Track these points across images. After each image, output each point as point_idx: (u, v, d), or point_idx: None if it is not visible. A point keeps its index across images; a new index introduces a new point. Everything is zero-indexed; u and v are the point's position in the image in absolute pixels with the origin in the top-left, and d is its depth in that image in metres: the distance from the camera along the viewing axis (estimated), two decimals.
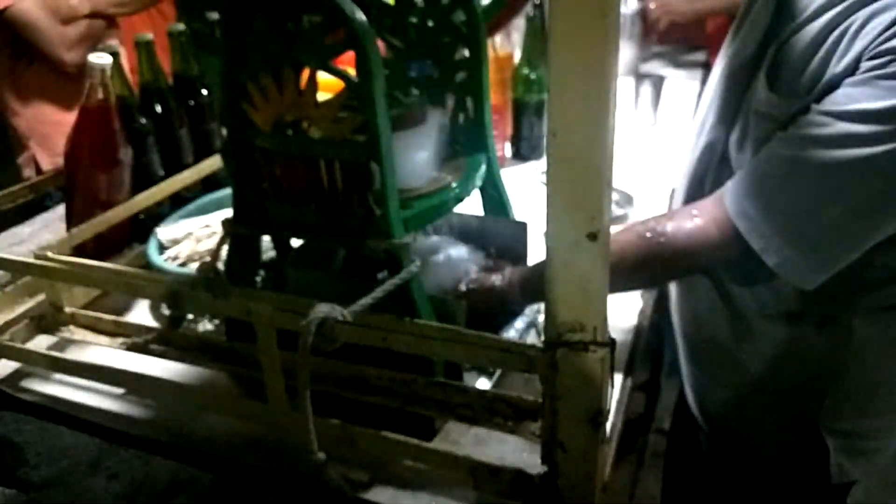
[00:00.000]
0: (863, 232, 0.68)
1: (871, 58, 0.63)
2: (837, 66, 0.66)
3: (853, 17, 0.65)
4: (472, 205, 0.77)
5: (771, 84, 0.72)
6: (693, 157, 0.85)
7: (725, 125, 0.80)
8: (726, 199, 0.71)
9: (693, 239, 0.72)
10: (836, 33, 0.66)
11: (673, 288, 0.97)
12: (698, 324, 0.94)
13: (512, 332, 0.79)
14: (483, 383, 0.74)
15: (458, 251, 0.78)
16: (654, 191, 1.20)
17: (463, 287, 0.75)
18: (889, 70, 0.62)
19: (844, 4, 0.66)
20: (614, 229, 0.53)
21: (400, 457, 0.65)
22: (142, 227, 1.00)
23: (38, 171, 1.61)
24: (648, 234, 0.73)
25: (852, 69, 0.65)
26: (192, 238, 0.94)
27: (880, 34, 0.63)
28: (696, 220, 0.72)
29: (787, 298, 0.79)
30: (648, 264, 0.74)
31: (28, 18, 1.51)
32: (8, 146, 1.68)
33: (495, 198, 0.82)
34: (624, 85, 1.51)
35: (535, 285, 0.73)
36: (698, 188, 0.84)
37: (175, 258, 0.91)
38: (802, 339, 0.82)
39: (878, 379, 0.82)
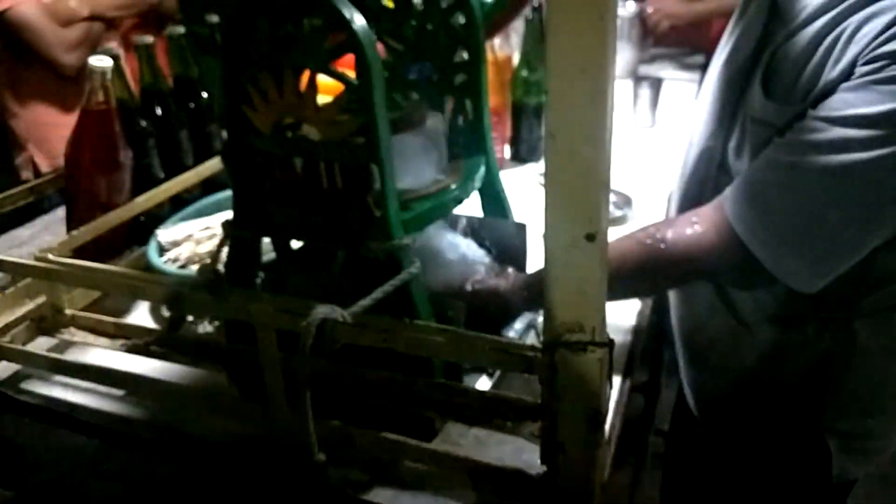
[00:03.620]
0: (863, 236, 0.68)
1: (867, 62, 0.63)
2: (833, 72, 0.66)
3: (847, 22, 0.65)
4: (471, 206, 0.77)
5: (766, 90, 0.73)
6: (690, 163, 0.85)
7: (722, 131, 0.80)
8: (726, 206, 0.71)
9: (694, 245, 0.72)
10: (830, 38, 0.67)
11: (672, 291, 0.97)
12: (698, 326, 0.94)
13: (511, 333, 0.79)
14: (484, 383, 0.74)
15: (473, 251, 0.78)
16: (652, 192, 1.20)
17: (469, 286, 0.75)
18: (884, 74, 0.62)
19: (838, 9, 0.66)
20: (613, 231, 0.53)
21: (400, 458, 0.65)
22: (142, 229, 1.00)
23: (37, 172, 1.61)
24: (649, 241, 0.73)
25: (848, 74, 0.65)
26: (192, 240, 0.94)
27: (874, 38, 0.63)
28: (697, 227, 0.72)
29: (788, 302, 0.79)
30: (649, 271, 0.74)
31: (27, 21, 1.51)
32: (6, 148, 1.68)
33: (494, 199, 0.82)
34: (622, 87, 1.51)
35: (538, 290, 0.73)
36: (697, 194, 0.84)
37: (175, 260, 0.92)
38: (803, 341, 0.82)
39: (880, 379, 0.83)
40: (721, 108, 0.81)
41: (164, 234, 0.95)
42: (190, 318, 0.86)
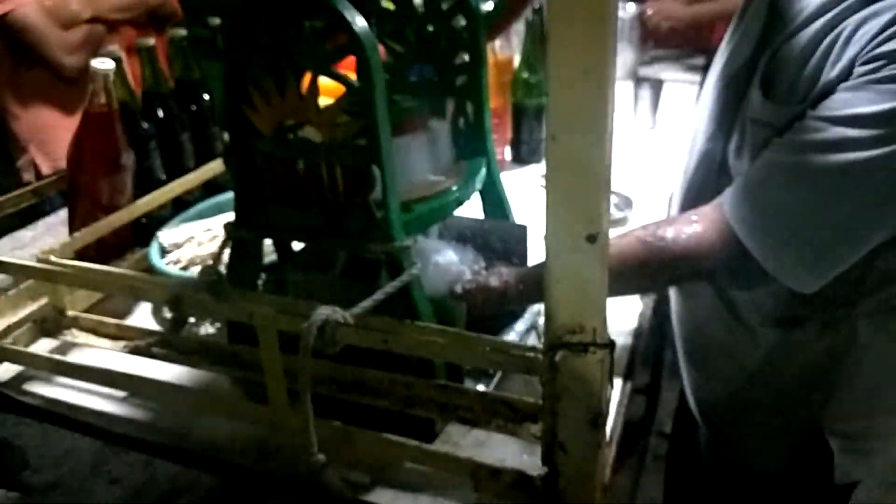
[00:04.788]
0: (861, 235, 0.68)
1: (865, 62, 0.64)
2: (832, 72, 0.66)
3: (845, 23, 0.66)
4: (472, 208, 0.77)
5: (766, 91, 0.73)
6: (691, 165, 0.85)
7: (723, 133, 0.80)
8: (725, 206, 0.71)
9: (693, 244, 0.72)
10: (828, 39, 0.67)
11: (673, 293, 0.97)
12: (699, 329, 0.94)
13: (512, 335, 0.79)
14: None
15: (446, 257, 0.78)
16: (653, 194, 1.20)
17: (458, 289, 0.75)
18: (883, 74, 0.62)
19: (836, 10, 0.67)
20: (614, 233, 0.53)
21: (401, 459, 0.65)
22: (144, 230, 1.00)
23: (38, 175, 1.61)
24: (648, 239, 0.73)
25: (846, 74, 0.65)
26: (193, 242, 0.95)
27: (872, 39, 0.63)
28: (696, 226, 0.73)
29: (789, 303, 0.79)
30: (648, 269, 0.74)
31: (29, 23, 1.52)
32: (8, 150, 1.68)
33: (495, 201, 0.82)
34: (623, 88, 1.51)
35: (531, 285, 0.73)
36: (698, 196, 0.84)
37: (177, 262, 0.92)
38: (804, 342, 0.82)
39: (881, 380, 0.83)
40: (721, 110, 0.81)
41: (165, 235, 0.95)
42: (191, 319, 0.86)
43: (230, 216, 0.71)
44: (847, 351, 0.81)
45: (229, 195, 1.02)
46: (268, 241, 0.75)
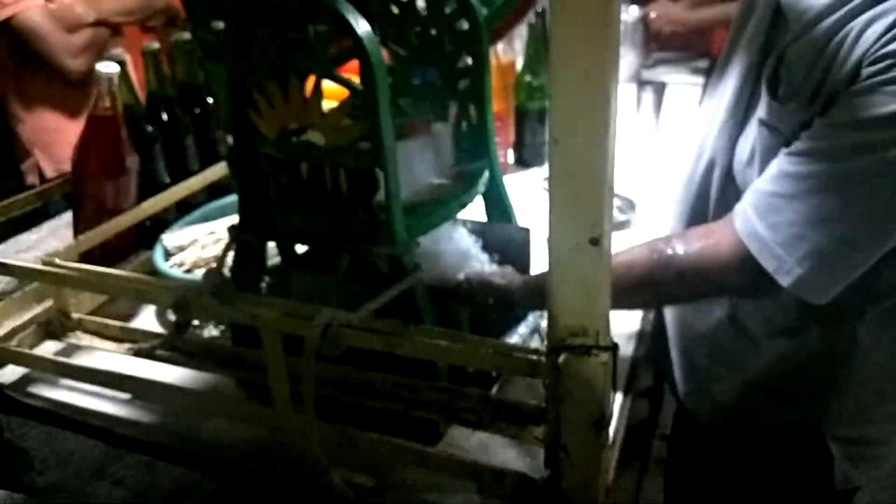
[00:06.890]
0: (874, 242, 0.68)
1: (871, 63, 0.63)
2: (839, 74, 0.66)
3: (851, 24, 0.65)
4: (475, 211, 0.78)
5: (772, 93, 0.72)
6: (698, 172, 0.85)
7: (731, 139, 0.80)
8: (736, 221, 0.71)
9: (704, 259, 0.71)
10: (835, 40, 0.66)
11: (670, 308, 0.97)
12: (699, 339, 0.93)
13: (515, 338, 0.79)
14: None
15: (474, 247, 0.78)
16: (656, 197, 1.20)
17: (461, 276, 0.75)
18: (890, 75, 0.62)
19: (842, 11, 0.66)
20: (616, 236, 0.53)
21: (404, 461, 0.66)
22: (148, 233, 1.00)
23: (42, 178, 1.62)
24: (658, 252, 0.72)
25: (853, 76, 0.65)
26: (197, 244, 0.95)
27: (878, 39, 0.63)
28: (708, 241, 0.72)
29: (796, 313, 0.78)
30: (657, 282, 0.73)
31: (33, 26, 1.52)
32: (12, 153, 1.68)
33: (498, 204, 0.82)
34: (626, 91, 1.52)
35: (535, 289, 0.73)
36: (702, 201, 0.84)
37: (181, 264, 0.92)
38: (806, 349, 0.82)
39: (883, 386, 0.82)
40: (728, 114, 0.80)
41: (169, 238, 0.95)
42: (195, 322, 0.86)
43: (234, 219, 0.71)
44: (849, 357, 0.81)
45: (233, 198, 1.02)
46: (271, 244, 0.76)
